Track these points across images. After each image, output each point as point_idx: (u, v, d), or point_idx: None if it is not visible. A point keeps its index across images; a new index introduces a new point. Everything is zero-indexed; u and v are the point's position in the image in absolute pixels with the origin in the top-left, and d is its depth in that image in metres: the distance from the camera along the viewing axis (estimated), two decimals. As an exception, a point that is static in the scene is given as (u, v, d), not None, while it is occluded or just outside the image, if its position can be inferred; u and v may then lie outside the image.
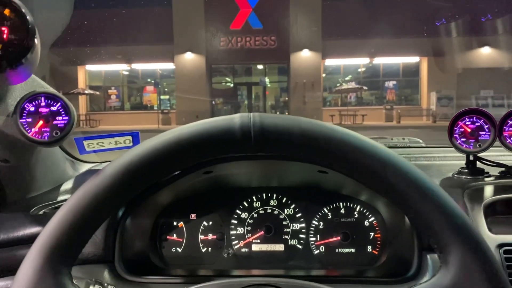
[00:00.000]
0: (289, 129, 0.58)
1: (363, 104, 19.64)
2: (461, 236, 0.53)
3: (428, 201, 0.54)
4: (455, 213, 0.54)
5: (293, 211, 1.13)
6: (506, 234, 0.91)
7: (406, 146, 1.66)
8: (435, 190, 0.55)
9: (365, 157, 0.57)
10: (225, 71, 20.83)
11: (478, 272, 0.51)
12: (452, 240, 0.53)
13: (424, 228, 0.55)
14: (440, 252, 0.55)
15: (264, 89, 20.57)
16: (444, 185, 1.10)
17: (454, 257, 0.53)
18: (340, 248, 1.09)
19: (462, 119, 1.11)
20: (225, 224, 1.12)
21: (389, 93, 19.65)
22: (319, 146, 0.58)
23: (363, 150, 0.57)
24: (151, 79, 20.76)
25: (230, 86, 20.73)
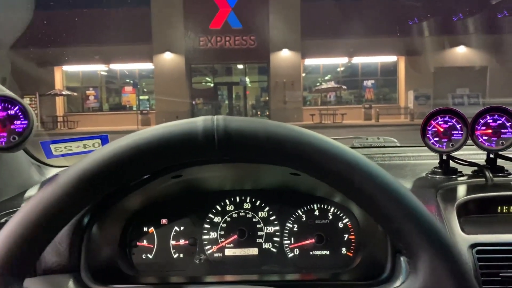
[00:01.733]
0: (254, 133, 0.55)
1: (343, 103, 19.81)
2: (429, 241, 0.51)
3: (396, 205, 0.53)
4: (424, 217, 0.52)
5: (267, 214, 1.11)
6: (479, 234, 0.90)
7: (381, 145, 1.66)
8: (403, 193, 0.53)
9: (332, 160, 0.55)
10: (205, 71, 20.74)
11: (447, 278, 0.50)
12: (421, 245, 0.51)
13: (393, 233, 0.54)
14: (409, 257, 0.53)
15: (245, 89, 20.55)
16: (417, 185, 1.09)
17: (422, 262, 0.51)
18: (315, 251, 1.08)
19: (435, 119, 1.11)
20: (198, 229, 1.10)
21: (367, 92, 19.87)
22: (285, 150, 0.55)
23: (330, 153, 0.55)
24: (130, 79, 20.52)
25: (210, 86, 20.65)
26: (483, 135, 1.10)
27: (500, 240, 0.89)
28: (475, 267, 0.86)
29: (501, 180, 1.09)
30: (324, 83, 19.70)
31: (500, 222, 1.00)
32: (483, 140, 1.10)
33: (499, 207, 1.03)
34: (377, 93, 19.90)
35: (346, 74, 20.20)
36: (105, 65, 19.62)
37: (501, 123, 1.08)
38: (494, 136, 1.09)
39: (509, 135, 1.08)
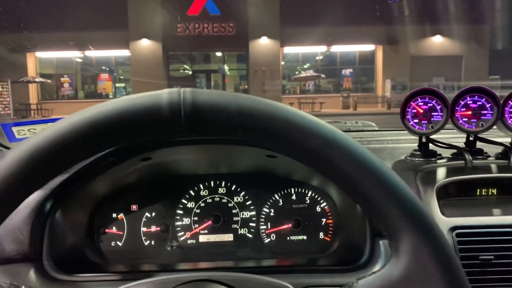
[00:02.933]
0: (225, 107, 0.51)
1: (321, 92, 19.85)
2: (412, 222, 0.48)
3: (377, 184, 0.49)
4: (406, 197, 0.49)
5: (242, 198, 1.07)
6: (459, 217, 0.89)
7: (359, 129, 1.64)
8: (385, 172, 0.50)
9: (309, 137, 0.51)
10: (182, 58, 20.46)
11: (430, 261, 0.46)
12: (403, 226, 0.48)
13: (373, 214, 0.50)
14: (390, 239, 0.50)
15: (223, 76, 20.38)
16: (396, 168, 1.07)
17: (405, 244, 0.48)
18: (292, 236, 1.05)
19: (414, 100, 1.08)
20: (170, 215, 1.05)
21: (346, 81, 19.96)
22: (259, 126, 0.51)
23: (307, 129, 0.51)
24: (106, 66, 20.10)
25: (188, 73, 20.39)
26: (463, 116, 1.08)
27: (479, 222, 0.87)
28: (455, 250, 0.84)
29: (480, 162, 1.08)
30: (303, 71, 19.68)
31: (479, 205, 0.99)
32: (463, 122, 1.08)
33: (478, 189, 1.02)
34: (355, 82, 20.00)
35: (324, 63, 20.23)
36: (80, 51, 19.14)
37: (481, 104, 1.07)
38: (474, 118, 1.07)
39: (488, 117, 1.06)
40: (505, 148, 1.10)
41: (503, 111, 1.06)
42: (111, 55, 19.85)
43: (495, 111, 1.05)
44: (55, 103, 18.50)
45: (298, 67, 20.50)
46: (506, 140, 1.14)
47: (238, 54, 19.95)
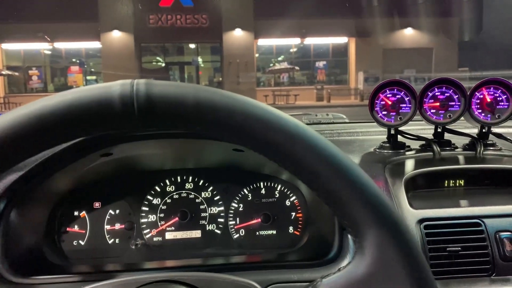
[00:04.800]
0: (182, 99, 0.48)
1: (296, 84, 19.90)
2: (376, 218, 0.46)
3: (341, 179, 0.47)
4: (370, 192, 0.47)
5: (210, 194, 1.04)
6: (427, 209, 0.88)
7: (330, 122, 1.63)
8: (349, 166, 0.48)
9: (271, 130, 0.48)
10: (155, 50, 20.13)
11: (395, 258, 0.45)
12: (367, 223, 0.46)
13: (337, 210, 0.49)
14: (354, 236, 0.48)
15: (197, 69, 20.18)
16: (365, 160, 1.06)
17: (369, 241, 0.46)
18: (261, 231, 1.03)
19: (383, 92, 1.07)
20: (135, 212, 1.01)
21: (319, 73, 20.07)
22: (218, 119, 0.48)
23: (269, 122, 0.48)
24: (76, 58, 19.58)
25: (161, 65, 20.10)
26: (431, 108, 1.07)
27: (447, 214, 0.87)
28: (423, 242, 0.84)
29: (448, 154, 1.08)
30: (277, 64, 19.68)
31: (447, 196, 0.99)
32: (431, 114, 1.08)
33: (446, 181, 1.02)
34: (328, 74, 20.14)
35: (298, 55, 20.28)
36: (49, 43, 18.56)
37: (448, 95, 1.07)
38: (442, 109, 1.07)
39: (456, 108, 1.07)
40: (473, 139, 1.10)
41: (470, 103, 1.07)
42: (82, 47, 19.35)
43: (462, 102, 1.06)
44: (24, 97, 17.90)
45: (272, 60, 20.49)
46: (473, 131, 1.15)
47: (212, 46, 19.78)
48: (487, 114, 1.07)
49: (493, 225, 0.86)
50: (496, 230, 0.85)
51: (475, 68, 14.85)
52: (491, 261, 0.83)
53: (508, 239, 0.84)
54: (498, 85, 1.06)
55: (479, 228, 0.85)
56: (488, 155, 1.07)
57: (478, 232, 0.85)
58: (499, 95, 1.06)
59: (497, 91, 1.06)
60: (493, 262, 0.83)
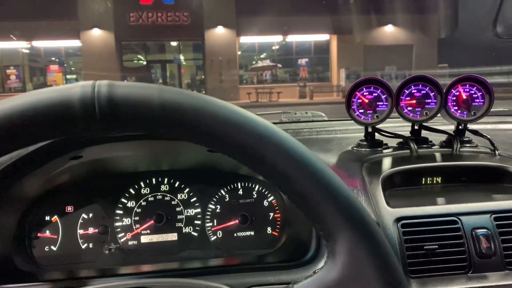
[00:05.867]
0: (146, 100, 0.46)
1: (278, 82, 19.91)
2: (348, 222, 0.45)
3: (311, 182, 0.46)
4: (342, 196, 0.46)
5: (187, 195, 1.02)
6: (404, 207, 0.88)
7: (309, 120, 1.62)
8: (320, 169, 0.47)
9: (240, 132, 0.47)
10: (136, 49, 19.90)
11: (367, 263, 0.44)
12: (339, 227, 0.45)
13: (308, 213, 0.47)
14: (326, 240, 0.47)
15: (179, 67, 20.01)
16: (343, 159, 1.06)
17: (341, 246, 0.45)
18: (239, 232, 1.01)
19: (360, 90, 1.06)
20: (109, 215, 0.99)
21: (302, 70, 20.12)
22: (185, 121, 0.46)
23: (238, 124, 0.47)
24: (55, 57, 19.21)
25: (142, 64, 19.89)
26: (408, 105, 1.07)
27: (424, 212, 0.87)
28: (400, 240, 0.83)
29: (425, 151, 1.08)
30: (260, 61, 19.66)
31: (424, 194, 0.99)
32: (407, 111, 1.07)
33: (423, 178, 1.02)
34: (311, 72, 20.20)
35: (281, 52, 20.29)
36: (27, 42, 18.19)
37: (425, 93, 1.07)
38: (419, 107, 1.07)
39: (432, 105, 1.07)
40: (449, 136, 1.11)
41: (446, 100, 1.07)
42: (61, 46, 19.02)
43: (439, 99, 1.06)
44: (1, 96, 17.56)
45: (254, 57, 20.46)
46: (450, 127, 1.15)
47: (194, 44, 19.65)
48: (463, 111, 1.07)
49: (469, 222, 0.86)
50: (472, 227, 0.85)
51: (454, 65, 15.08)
52: (468, 259, 0.83)
53: (484, 236, 0.84)
54: (473, 82, 1.06)
55: (455, 226, 0.85)
56: (465, 152, 1.08)
57: (455, 229, 0.85)
58: (474, 92, 1.07)
59: (473, 88, 1.07)
60: (469, 259, 0.83)
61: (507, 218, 0.87)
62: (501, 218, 0.86)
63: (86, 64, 17.92)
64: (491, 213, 0.87)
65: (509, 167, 0.99)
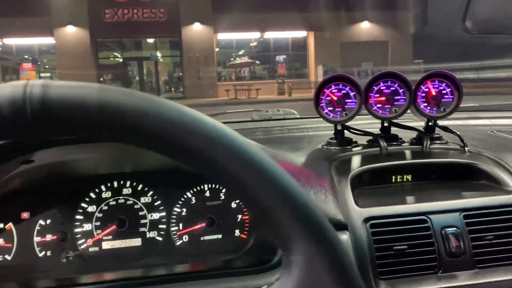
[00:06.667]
0: (83, 102, 0.42)
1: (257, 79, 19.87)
2: (304, 231, 0.42)
3: (266, 188, 0.43)
4: (299, 201, 0.43)
5: (151, 199, 0.98)
6: (373, 207, 0.86)
7: (281, 118, 1.59)
8: (275, 174, 0.43)
9: (189, 135, 0.43)
10: (112, 46, 19.59)
11: (325, 275, 0.41)
12: (294, 236, 0.42)
13: (264, 221, 0.44)
14: (282, 249, 0.44)
15: (156, 64, 19.77)
16: (312, 158, 1.03)
17: (297, 256, 0.42)
18: (206, 236, 0.97)
19: (328, 87, 1.04)
20: (68, 221, 0.94)
21: (280, 67, 20.14)
22: (126, 124, 0.42)
23: (186, 126, 0.43)
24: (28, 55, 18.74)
25: (119, 61, 19.58)
26: (377, 102, 1.05)
27: (393, 211, 0.85)
28: (369, 241, 0.81)
29: (395, 149, 1.07)
30: (238, 58, 19.60)
31: (394, 193, 0.97)
32: (376, 108, 1.06)
33: (394, 176, 1.00)
34: (289, 68, 20.24)
35: (259, 49, 20.26)
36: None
37: (394, 89, 1.05)
38: (388, 104, 1.05)
39: (402, 102, 1.05)
40: (419, 133, 1.09)
41: (416, 96, 1.05)
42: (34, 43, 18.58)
43: (408, 96, 1.04)
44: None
45: (233, 54, 20.38)
46: (420, 124, 1.14)
47: (171, 41, 19.44)
48: (432, 107, 1.06)
49: (439, 221, 0.85)
50: (442, 226, 0.84)
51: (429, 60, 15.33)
52: (438, 258, 0.82)
53: (454, 235, 0.83)
54: (442, 78, 1.05)
55: (425, 225, 0.84)
56: (435, 149, 1.07)
57: (425, 229, 0.84)
58: (444, 88, 1.05)
59: (442, 84, 1.05)
60: (439, 259, 0.82)
61: (476, 216, 0.86)
62: (470, 216, 0.85)
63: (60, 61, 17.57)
64: (461, 211, 0.86)
65: (478, 163, 0.98)
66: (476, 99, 1.71)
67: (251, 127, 1.42)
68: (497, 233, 0.84)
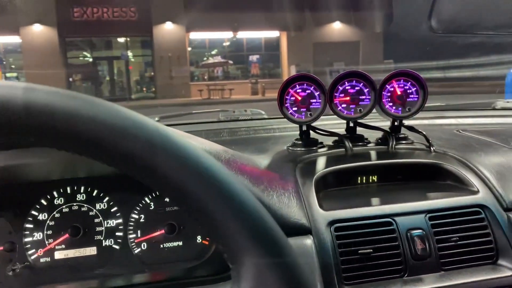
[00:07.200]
0: (7, 102, 0.37)
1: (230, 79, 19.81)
2: (255, 243, 0.39)
3: (212, 197, 0.39)
4: (248, 211, 0.39)
5: (107, 205, 0.92)
6: (338, 210, 0.83)
7: (248, 118, 1.56)
8: (222, 181, 0.40)
9: (126, 139, 0.39)
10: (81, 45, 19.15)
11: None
12: (244, 249, 0.39)
13: (210, 232, 0.41)
14: (231, 263, 0.40)
15: (127, 63, 19.44)
16: (276, 160, 1.00)
17: (247, 270, 0.39)
18: (166, 243, 0.93)
19: (293, 87, 1.01)
20: (17, 230, 0.88)
21: (253, 67, 20.15)
22: (55, 127, 0.38)
23: (123, 129, 0.39)
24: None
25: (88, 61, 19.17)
26: (342, 102, 1.03)
27: (358, 214, 0.83)
28: (334, 245, 0.79)
29: (360, 149, 1.05)
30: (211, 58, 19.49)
31: (359, 194, 0.96)
32: (341, 108, 1.03)
33: (359, 177, 0.99)
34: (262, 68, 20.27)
35: (232, 49, 20.21)
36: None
37: (359, 89, 1.03)
38: (353, 104, 1.03)
39: (366, 102, 1.03)
40: (385, 133, 1.08)
41: (381, 96, 1.04)
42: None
43: (373, 96, 1.02)
44: None
45: (205, 54, 20.26)
46: (386, 124, 1.12)
47: (142, 40, 19.16)
48: (398, 107, 1.05)
49: (404, 223, 0.83)
50: (407, 228, 0.83)
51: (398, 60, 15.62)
52: (403, 261, 0.80)
53: (419, 237, 0.81)
54: (407, 78, 1.04)
55: (390, 228, 0.82)
56: (400, 149, 1.05)
57: (390, 231, 0.82)
58: (409, 88, 1.04)
59: (407, 83, 1.04)
60: (405, 262, 0.80)
61: (441, 217, 0.85)
62: (435, 217, 0.84)
63: (27, 61, 17.06)
64: (426, 212, 0.85)
65: (443, 163, 0.98)
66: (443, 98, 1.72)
67: (217, 128, 1.38)
68: (462, 234, 0.84)
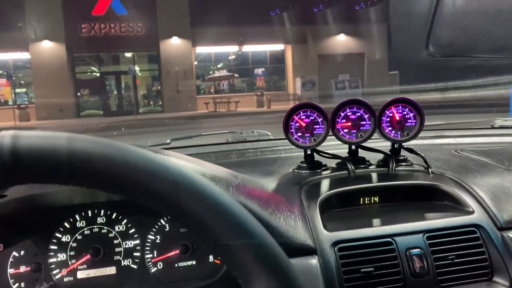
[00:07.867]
0: (53, 151, 0.44)
1: (236, 91, 19.98)
2: (267, 272, 0.45)
3: (230, 230, 0.46)
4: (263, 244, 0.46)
5: (125, 227, 0.99)
6: (341, 230, 0.89)
7: (255, 139, 1.62)
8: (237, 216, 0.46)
9: (154, 180, 0.46)
10: (89, 60, 19.44)
11: None
12: (257, 277, 0.45)
13: (225, 259, 0.47)
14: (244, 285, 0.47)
15: (134, 78, 19.66)
16: (282, 183, 1.06)
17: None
18: (180, 262, 0.99)
19: (297, 114, 1.08)
20: (42, 252, 0.94)
21: (259, 80, 20.31)
22: (95, 172, 0.45)
23: (151, 172, 0.46)
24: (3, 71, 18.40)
25: (96, 76, 19.42)
26: (344, 128, 1.10)
27: (360, 235, 0.88)
28: (338, 265, 0.84)
29: (362, 171, 1.11)
30: (217, 71, 19.67)
31: (362, 215, 1.01)
32: (344, 133, 1.10)
33: (361, 199, 1.04)
34: (267, 81, 20.44)
35: (237, 62, 20.40)
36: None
37: (359, 115, 1.09)
38: (354, 129, 1.09)
39: (367, 127, 1.09)
40: (385, 155, 1.14)
41: (380, 121, 1.10)
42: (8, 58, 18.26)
43: (372, 121, 1.09)
44: None
45: (211, 67, 20.46)
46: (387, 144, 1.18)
47: (149, 55, 19.41)
48: (397, 131, 1.11)
49: (403, 242, 0.88)
50: (406, 248, 0.88)
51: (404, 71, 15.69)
52: (403, 279, 0.85)
53: (418, 256, 0.86)
54: (405, 104, 1.10)
55: (390, 247, 0.87)
56: (400, 171, 1.11)
57: (390, 251, 0.87)
58: (407, 113, 1.10)
59: (405, 109, 1.10)
60: (404, 279, 0.85)
61: (439, 237, 0.90)
62: (433, 237, 0.89)
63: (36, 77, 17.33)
64: (424, 232, 0.90)
65: (440, 185, 1.03)
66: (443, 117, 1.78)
67: (225, 150, 1.45)
68: (459, 252, 0.89)
